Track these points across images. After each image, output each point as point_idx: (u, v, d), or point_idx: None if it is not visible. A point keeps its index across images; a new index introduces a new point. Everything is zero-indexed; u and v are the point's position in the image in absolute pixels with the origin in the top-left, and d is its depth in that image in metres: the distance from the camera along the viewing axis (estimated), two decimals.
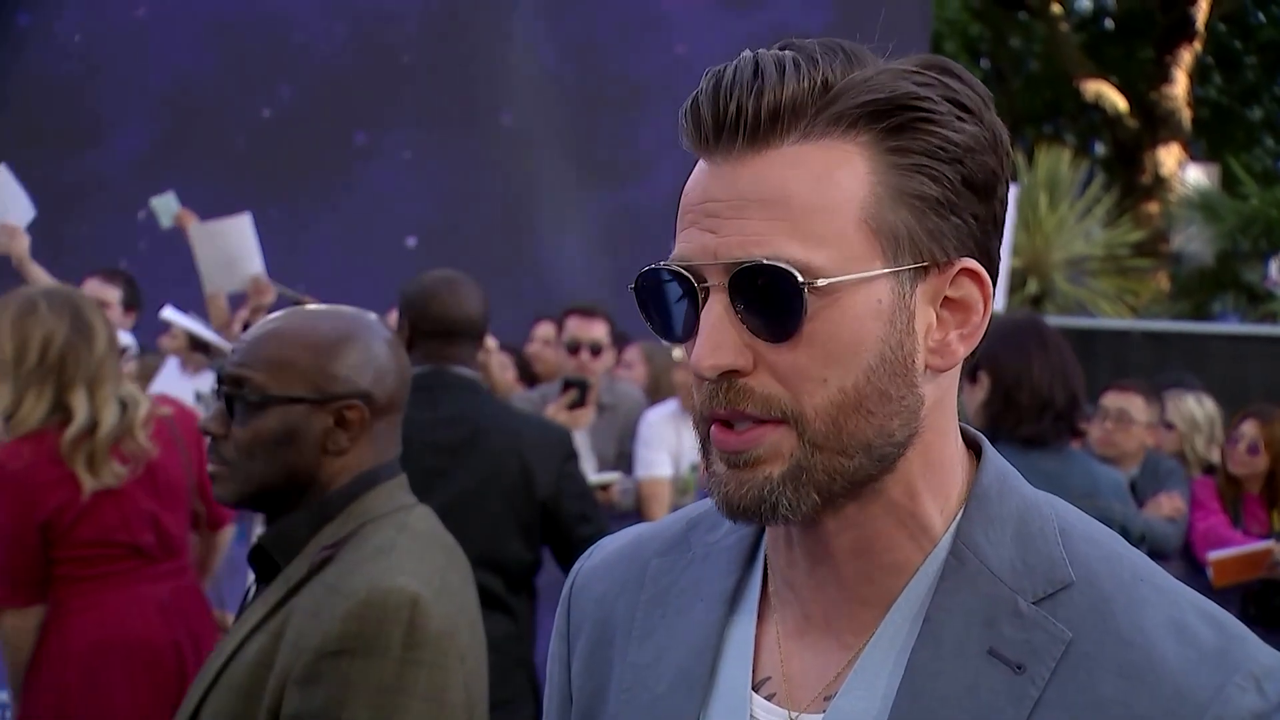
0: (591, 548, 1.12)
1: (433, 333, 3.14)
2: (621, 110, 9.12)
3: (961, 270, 0.90)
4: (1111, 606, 0.89)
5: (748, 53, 0.89)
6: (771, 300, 0.86)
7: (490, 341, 4.74)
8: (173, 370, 4.78)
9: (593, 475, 4.35)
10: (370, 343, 1.81)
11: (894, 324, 0.88)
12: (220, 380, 1.79)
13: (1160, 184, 15.16)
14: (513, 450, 3.15)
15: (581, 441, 4.81)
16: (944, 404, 0.93)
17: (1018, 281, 11.32)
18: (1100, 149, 18.70)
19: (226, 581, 4.36)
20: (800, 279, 0.85)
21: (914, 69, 0.89)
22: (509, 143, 9.35)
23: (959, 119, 0.88)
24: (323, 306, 1.89)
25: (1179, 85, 15.68)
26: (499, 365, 5.24)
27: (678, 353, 4.73)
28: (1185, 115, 15.79)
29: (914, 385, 0.89)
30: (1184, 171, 15.11)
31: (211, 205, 8.88)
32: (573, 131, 9.26)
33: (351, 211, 9.17)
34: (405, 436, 1.92)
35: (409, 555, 1.73)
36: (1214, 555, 4.32)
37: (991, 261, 0.92)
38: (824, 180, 0.87)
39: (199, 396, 4.54)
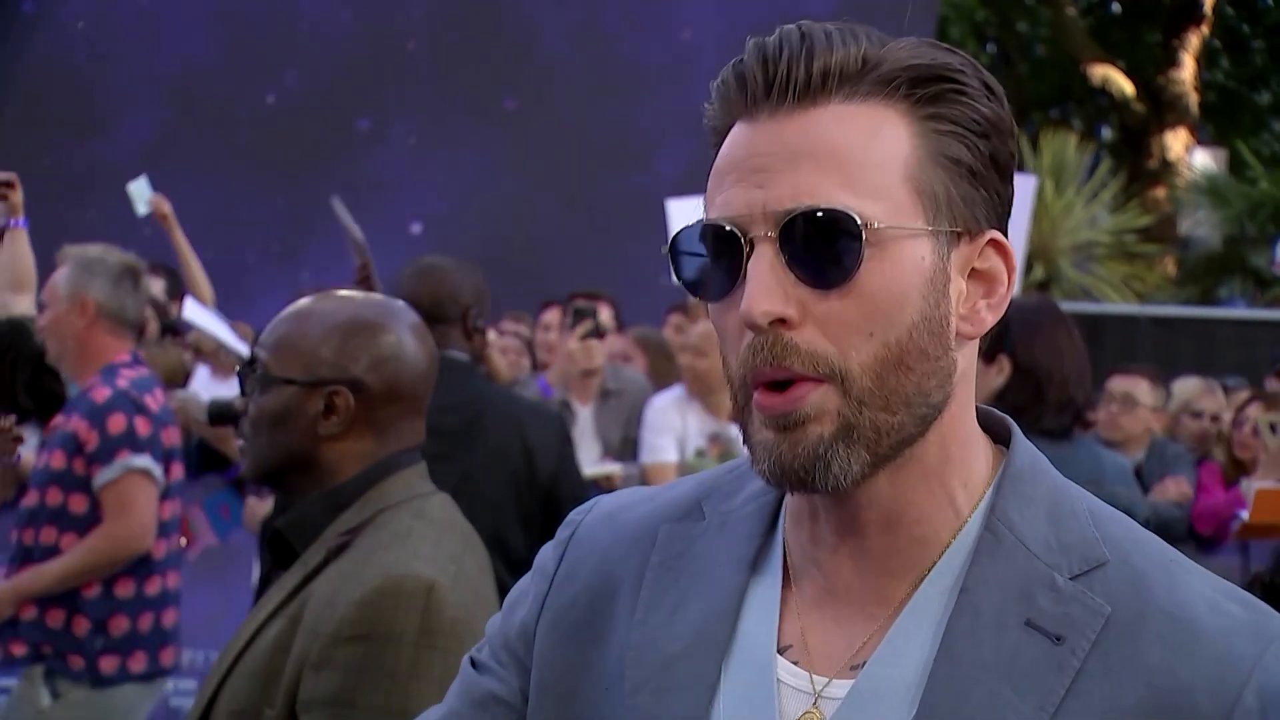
0: (592, 501, 1.11)
1: None
2: (626, 95, 9.10)
3: (989, 241, 0.94)
4: (1149, 582, 0.92)
5: (788, 25, 0.92)
6: (826, 247, 0.88)
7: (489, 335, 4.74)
8: (203, 379, 4.78)
9: (589, 468, 4.35)
10: (378, 330, 1.80)
11: (934, 284, 0.91)
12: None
13: (1167, 169, 15.12)
14: (515, 433, 3.16)
15: (587, 426, 4.82)
16: (968, 376, 0.96)
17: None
18: (1107, 134, 18.65)
19: (229, 568, 4.37)
20: (860, 222, 0.88)
21: (948, 48, 0.93)
22: (513, 128, 9.33)
23: (988, 98, 0.93)
24: (355, 293, 1.90)
25: (1186, 69, 15.62)
26: (500, 352, 5.24)
27: (694, 334, 4.72)
28: (1192, 99, 15.74)
29: (948, 348, 0.92)
30: (1191, 156, 15.08)
31: (216, 191, 8.90)
32: (577, 117, 9.24)
33: (356, 198, 9.13)
34: None
35: (425, 542, 1.74)
36: (1259, 485, 4.27)
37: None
38: (873, 136, 0.90)
39: None
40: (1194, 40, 15.77)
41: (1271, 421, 4.56)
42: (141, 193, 5.37)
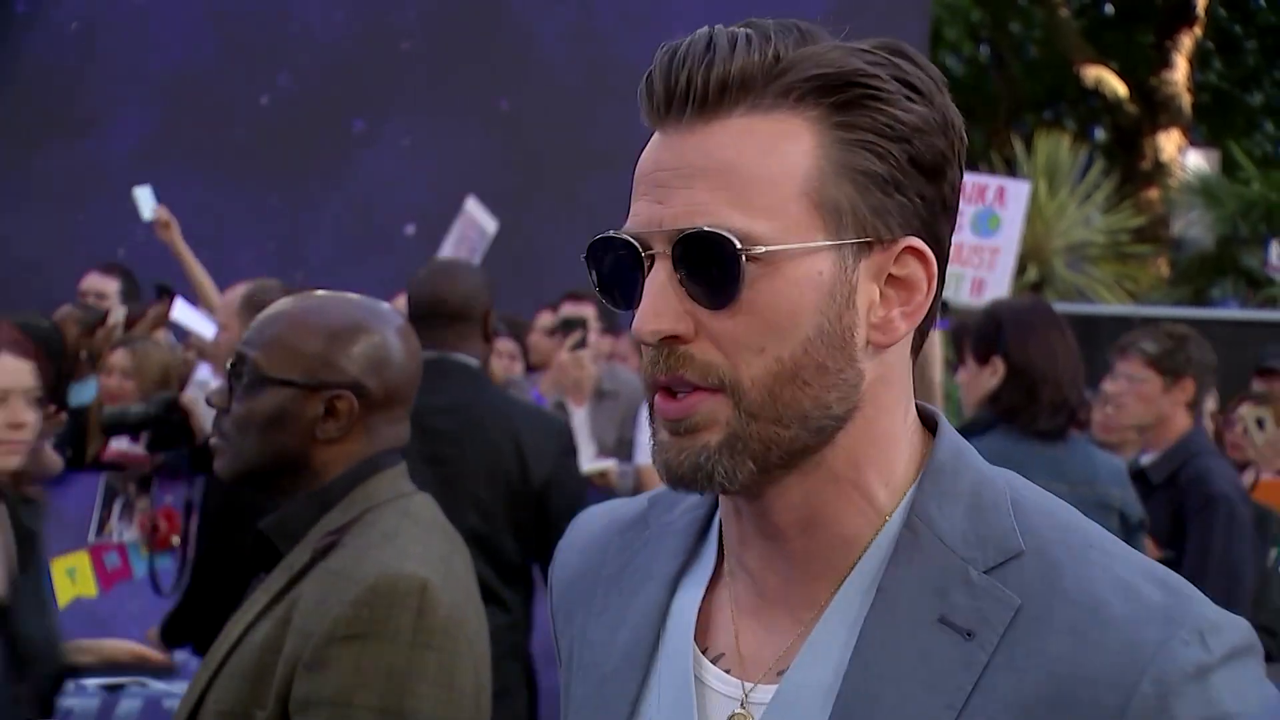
0: (570, 526, 1.13)
1: (423, 316, 3.15)
2: (620, 97, 9.08)
3: (906, 249, 0.91)
4: (1060, 571, 0.90)
5: (704, 28, 0.92)
6: (711, 268, 0.88)
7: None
8: (205, 375, 4.76)
9: (586, 464, 4.36)
10: (375, 334, 1.80)
11: (834, 297, 0.89)
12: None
13: (1160, 169, 15.15)
14: (509, 439, 3.14)
15: (582, 427, 4.82)
16: (889, 380, 0.93)
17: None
18: (1100, 134, 18.67)
19: None
20: (738, 246, 0.87)
21: (866, 49, 0.91)
22: (508, 130, 9.33)
23: (908, 99, 0.90)
24: (339, 294, 1.88)
25: (1179, 70, 15.65)
26: (500, 354, 5.25)
27: None
28: (1185, 100, 15.77)
29: (853, 360, 0.91)
30: (1184, 157, 15.11)
31: (210, 193, 8.87)
32: (571, 118, 9.24)
33: (350, 199, 9.16)
34: None
35: (415, 541, 1.74)
36: (1266, 478, 4.30)
37: (940, 244, 0.93)
38: (768, 151, 0.88)
39: None
40: (1187, 41, 15.80)
41: (1259, 417, 4.57)
42: (147, 200, 5.44)
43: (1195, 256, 14.04)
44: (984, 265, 5.56)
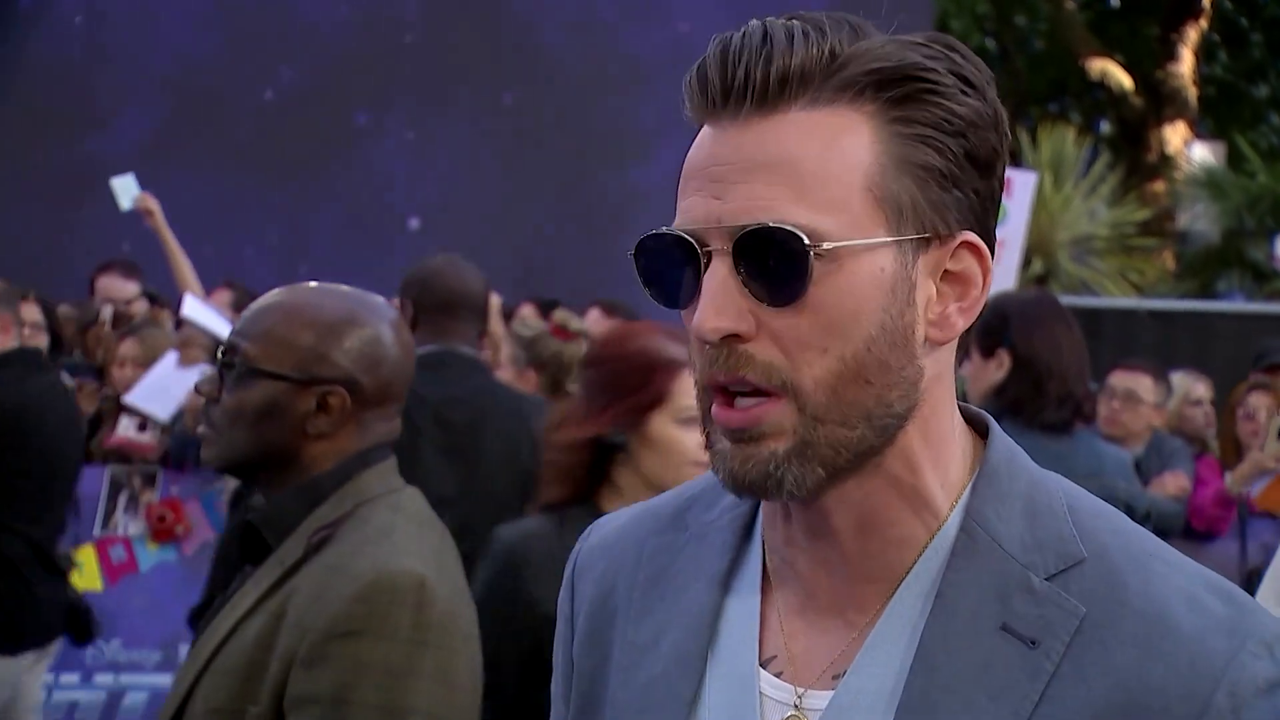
0: (590, 527, 1.11)
1: (436, 307, 3.17)
2: (623, 89, 9.08)
3: (962, 243, 0.90)
4: (1124, 579, 0.90)
5: (755, 21, 0.89)
6: (777, 264, 0.86)
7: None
8: (169, 364, 4.75)
9: None
10: (370, 329, 1.78)
11: (895, 294, 0.88)
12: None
13: (1166, 162, 15.11)
14: (525, 432, 3.16)
15: None
16: (943, 379, 0.93)
17: (1022, 261, 11.27)
18: (1105, 127, 18.62)
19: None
20: (807, 242, 0.85)
21: (921, 42, 0.90)
22: (511, 123, 9.32)
23: (963, 93, 0.89)
24: (331, 286, 1.85)
25: (1185, 63, 15.60)
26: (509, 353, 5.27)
27: None
28: (1191, 93, 15.72)
29: (914, 357, 0.89)
30: (1190, 149, 15.07)
31: (214, 187, 8.88)
32: (575, 111, 9.23)
33: (353, 193, 9.16)
34: (417, 416, 1.90)
35: (410, 537, 1.73)
36: (1257, 490, 4.29)
37: (990, 238, 0.92)
38: (830, 146, 0.87)
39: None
40: (1192, 34, 15.75)
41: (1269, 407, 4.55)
42: (127, 188, 5.39)
43: (1201, 250, 14.02)
44: None
